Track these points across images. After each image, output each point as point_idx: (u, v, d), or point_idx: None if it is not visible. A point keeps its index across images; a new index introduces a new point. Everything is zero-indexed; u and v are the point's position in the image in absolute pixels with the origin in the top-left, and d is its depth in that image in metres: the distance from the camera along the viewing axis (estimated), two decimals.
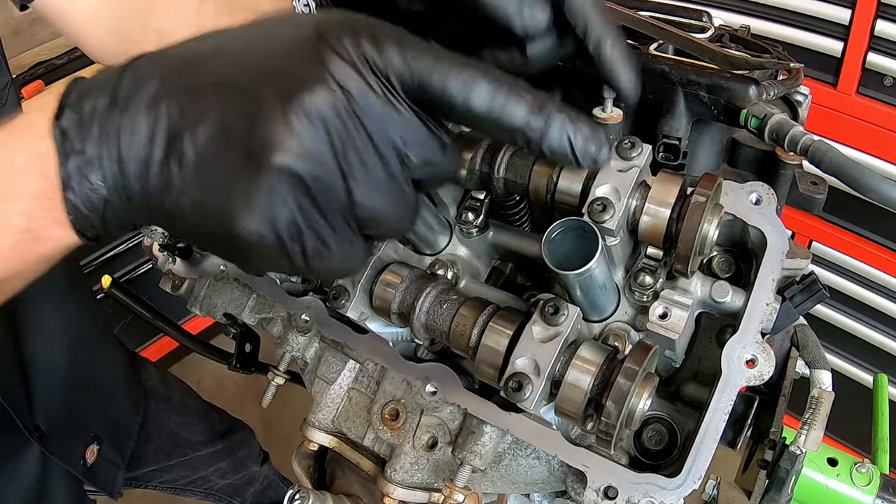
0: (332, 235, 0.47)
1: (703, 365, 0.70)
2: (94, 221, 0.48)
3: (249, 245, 0.45)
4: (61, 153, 0.46)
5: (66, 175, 0.46)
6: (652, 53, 0.73)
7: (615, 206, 0.56)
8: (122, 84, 0.47)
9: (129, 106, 0.46)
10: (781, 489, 0.73)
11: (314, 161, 0.44)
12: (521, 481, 0.69)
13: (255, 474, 1.90)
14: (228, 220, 0.44)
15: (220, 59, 0.48)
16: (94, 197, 0.47)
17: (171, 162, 0.45)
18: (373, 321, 0.70)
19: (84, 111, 0.46)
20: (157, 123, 0.45)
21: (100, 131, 0.46)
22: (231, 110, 0.45)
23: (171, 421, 1.61)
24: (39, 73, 2.31)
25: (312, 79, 0.44)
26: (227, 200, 0.44)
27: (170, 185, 0.45)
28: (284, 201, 0.44)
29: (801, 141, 0.60)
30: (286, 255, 0.46)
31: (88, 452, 1.28)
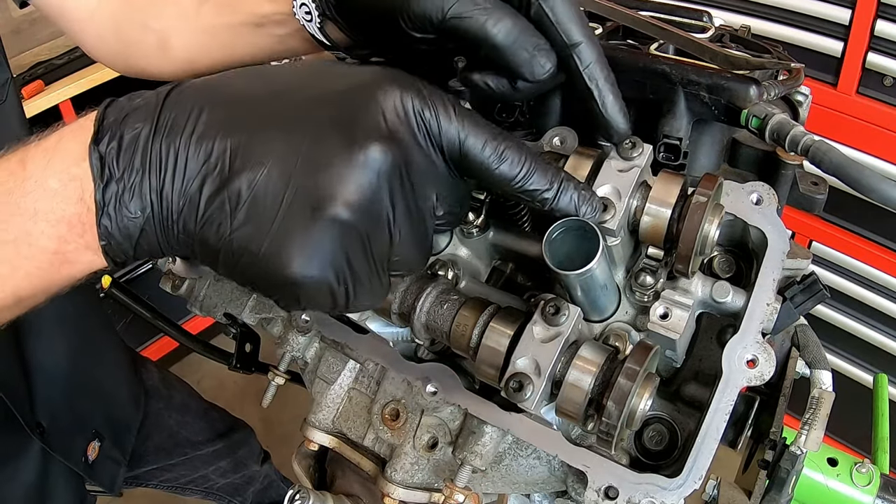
0: (373, 278, 0.49)
1: (703, 365, 0.70)
2: (127, 249, 0.48)
3: (300, 287, 0.47)
4: (99, 178, 0.46)
5: (102, 201, 0.46)
6: (652, 53, 0.72)
7: (616, 206, 0.56)
8: (164, 112, 0.47)
9: (175, 137, 0.46)
10: (782, 489, 0.73)
11: (368, 214, 0.46)
12: (522, 481, 0.69)
13: (255, 473, 1.90)
14: (282, 262, 0.46)
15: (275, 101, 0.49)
16: (131, 225, 0.47)
17: (223, 200, 0.45)
18: (373, 321, 0.71)
19: (125, 136, 0.46)
20: (210, 160, 0.46)
21: (142, 160, 0.46)
22: (291, 155, 0.45)
23: (172, 420, 1.62)
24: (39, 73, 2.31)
25: (373, 133, 0.46)
26: (283, 244, 0.45)
27: (219, 224, 0.46)
28: (338, 248, 0.46)
29: (802, 141, 0.60)
30: (331, 296, 0.48)
31: (90, 449, 1.28)
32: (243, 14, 0.76)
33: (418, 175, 0.49)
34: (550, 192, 0.53)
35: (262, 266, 0.46)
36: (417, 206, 0.50)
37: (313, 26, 0.67)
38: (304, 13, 0.67)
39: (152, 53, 0.85)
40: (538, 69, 0.56)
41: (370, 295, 0.51)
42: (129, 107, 0.48)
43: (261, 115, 0.47)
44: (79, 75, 2.33)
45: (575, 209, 0.54)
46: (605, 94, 0.58)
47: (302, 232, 0.45)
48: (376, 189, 0.46)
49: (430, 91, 0.50)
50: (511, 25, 0.55)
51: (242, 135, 0.46)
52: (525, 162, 0.52)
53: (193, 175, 0.46)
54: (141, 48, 0.86)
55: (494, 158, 0.51)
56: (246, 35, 0.77)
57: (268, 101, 0.49)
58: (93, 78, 2.32)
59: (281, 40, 0.75)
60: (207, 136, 0.46)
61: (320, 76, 0.51)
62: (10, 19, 2.31)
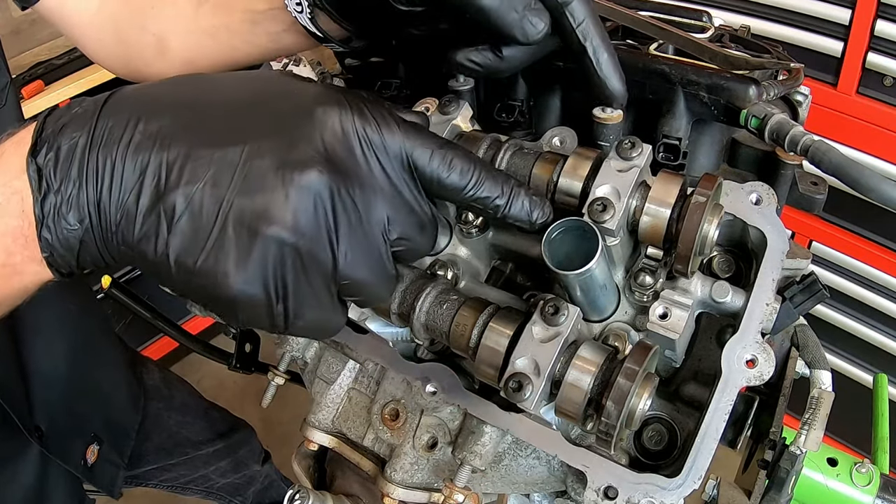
0: (313, 299, 0.48)
1: (703, 365, 0.70)
2: (69, 260, 0.48)
3: (235, 302, 0.47)
4: (37, 191, 0.45)
5: (41, 214, 0.46)
6: (652, 53, 0.72)
7: (615, 206, 0.56)
8: (101, 121, 0.46)
9: (111, 149, 0.46)
10: (781, 489, 0.73)
11: (306, 235, 0.46)
12: (521, 481, 0.69)
13: (255, 473, 1.90)
14: (217, 279, 0.45)
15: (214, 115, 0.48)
16: (71, 237, 0.47)
17: (159, 214, 0.45)
18: (373, 321, 0.71)
19: (62, 147, 0.46)
20: (146, 173, 0.45)
21: (78, 171, 0.45)
22: (228, 172, 0.45)
23: (172, 420, 1.62)
24: (39, 73, 2.31)
25: (311, 156, 0.46)
26: (218, 260, 0.45)
27: (155, 237, 0.46)
28: (275, 266, 0.46)
29: (802, 141, 0.60)
30: (270, 314, 0.48)
31: (89, 452, 1.28)
32: (239, 13, 0.76)
33: (363, 195, 0.48)
34: (502, 199, 0.53)
35: (199, 281, 0.46)
36: (364, 227, 0.49)
37: (305, 18, 0.67)
38: (294, 4, 0.67)
39: (151, 56, 0.86)
40: (530, 29, 0.55)
41: (317, 317, 0.50)
42: (67, 116, 0.48)
43: (199, 129, 0.47)
44: (79, 75, 2.33)
45: (527, 215, 0.54)
46: (599, 53, 0.57)
47: (237, 248, 0.45)
48: (313, 210, 0.45)
49: (373, 107, 0.50)
50: None
51: (180, 148, 0.46)
52: (475, 170, 0.52)
53: (129, 187, 0.45)
54: (140, 51, 0.86)
55: (443, 168, 0.51)
56: (242, 34, 0.77)
57: (207, 115, 0.48)
58: (92, 78, 2.32)
59: (276, 38, 0.75)
60: (144, 148, 0.46)
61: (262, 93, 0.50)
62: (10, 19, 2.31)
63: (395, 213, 0.50)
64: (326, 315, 0.50)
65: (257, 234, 0.45)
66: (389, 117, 0.50)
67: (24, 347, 1.11)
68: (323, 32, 0.69)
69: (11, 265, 0.48)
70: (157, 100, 0.49)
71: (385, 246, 0.51)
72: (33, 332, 1.13)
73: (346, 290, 0.51)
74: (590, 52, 0.57)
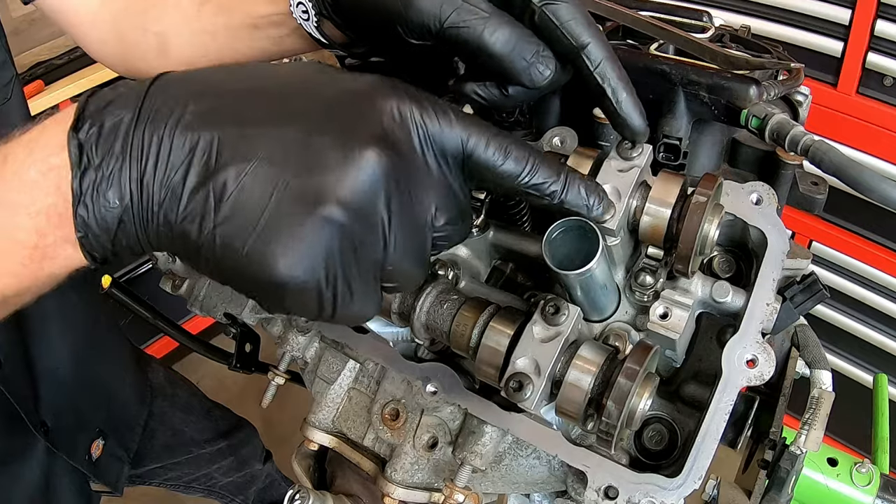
0: (362, 285, 0.47)
1: (703, 365, 0.70)
2: (105, 241, 0.46)
3: (285, 288, 0.45)
4: (77, 166, 0.44)
5: (79, 189, 0.44)
6: (652, 53, 0.73)
7: (616, 206, 0.56)
8: (148, 100, 0.45)
9: (158, 125, 0.44)
10: (781, 489, 0.73)
11: (362, 218, 0.44)
12: (522, 481, 0.69)
13: (257, 472, 1.90)
14: (268, 261, 0.43)
15: (267, 98, 0.47)
16: (108, 216, 0.45)
17: (207, 193, 0.44)
18: (373, 321, 0.71)
19: (105, 124, 0.45)
20: (196, 151, 0.44)
21: (122, 147, 0.44)
22: (284, 152, 0.44)
23: (176, 418, 1.62)
24: (39, 73, 2.31)
25: (371, 136, 0.45)
26: (270, 242, 0.43)
27: (202, 217, 0.44)
28: (329, 250, 0.44)
29: (802, 141, 0.60)
30: (318, 303, 0.46)
31: (94, 447, 1.28)
32: (241, 15, 0.76)
33: (416, 183, 0.48)
34: (558, 184, 0.52)
35: (247, 265, 0.44)
36: (414, 214, 0.48)
37: (310, 25, 0.67)
38: (300, 12, 0.67)
39: (152, 55, 0.86)
40: (537, 76, 0.56)
41: (360, 305, 0.48)
42: (112, 95, 0.46)
43: (252, 111, 0.46)
44: (79, 75, 2.33)
45: (584, 201, 0.54)
46: (618, 92, 0.57)
47: (291, 230, 0.43)
48: (372, 193, 0.44)
49: (429, 98, 0.50)
50: (508, 34, 0.55)
51: (232, 127, 0.44)
52: (530, 157, 0.51)
53: (177, 165, 0.44)
54: (141, 50, 0.87)
55: (499, 156, 0.50)
56: (244, 37, 0.77)
57: (260, 98, 0.47)
58: (93, 78, 2.32)
59: (279, 41, 0.75)
60: (194, 127, 0.44)
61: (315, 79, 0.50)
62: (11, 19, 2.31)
63: (442, 201, 0.50)
64: (369, 302, 0.49)
65: (313, 214, 0.43)
66: (446, 107, 0.50)
67: (32, 343, 1.11)
68: (327, 38, 0.69)
69: (43, 248, 0.46)
70: (210, 82, 0.48)
71: (429, 234, 0.50)
72: (40, 327, 1.13)
73: (387, 276, 0.49)
74: (609, 92, 0.57)
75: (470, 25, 0.54)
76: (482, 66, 0.57)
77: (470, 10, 0.54)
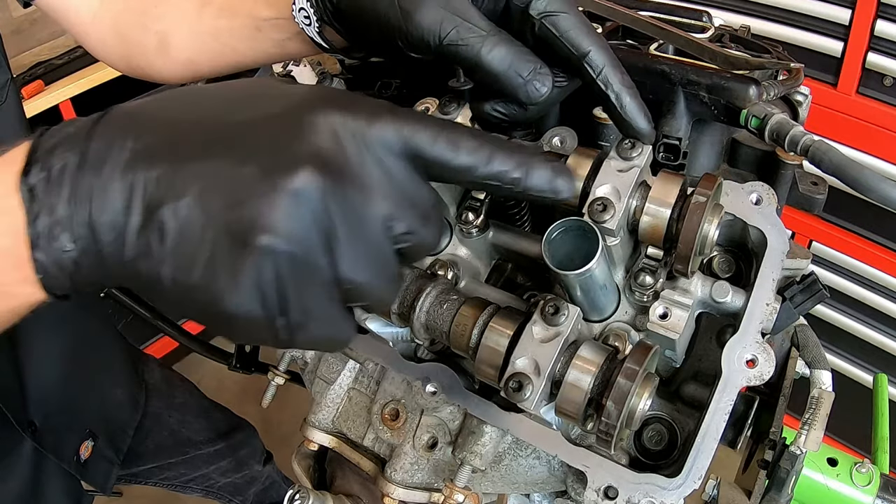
0: (316, 310, 0.47)
1: (703, 365, 0.70)
2: (64, 282, 0.47)
3: (233, 319, 0.45)
4: (30, 212, 0.44)
5: (34, 235, 0.44)
6: (652, 53, 0.73)
7: (615, 206, 0.56)
8: (92, 143, 0.45)
9: (101, 168, 0.45)
10: (781, 489, 0.73)
11: (299, 241, 0.44)
12: (522, 481, 0.69)
13: (257, 474, 1.90)
14: (213, 294, 0.44)
15: (202, 127, 0.47)
16: (65, 258, 0.45)
17: (149, 232, 0.44)
18: (373, 321, 0.70)
19: (53, 169, 0.45)
20: (135, 191, 0.44)
21: (70, 192, 0.44)
22: (214, 186, 0.44)
23: (173, 419, 1.61)
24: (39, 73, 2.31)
25: (299, 159, 0.44)
26: (212, 276, 0.44)
27: (147, 255, 0.44)
28: (270, 279, 0.44)
29: (802, 141, 0.60)
30: (271, 329, 0.46)
31: (83, 448, 1.28)
32: (242, 17, 0.76)
33: (359, 192, 0.46)
34: (519, 170, 0.50)
35: (196, 299, 0.45)
36: (364, 227, 0.46)
37: (312, 30, 0.67)
38: (302, 17, 0.67)
39: (153, 54, 0.86)
40: (533, 93, 0.57)
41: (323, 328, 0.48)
42: (59, 136, 0.47)
43: (186, 144, 0.46)
44: (79, 75, 2.33)
45: (549, 184, 0.51)
46: (622, 97, 0.58)
47: (229, 264, 0.43)
48: (309, 215, 0.43)
49: (362, 102, 0.48)
50: (505, 52, 0.55)
51: (166, 164, 0.44)
52: (482, 146, 0.49)
53: (119, 207, 0.44)
54: (142, 49, 0.87)
55: (449, 150, 0.48)
56: (246, 38, 0.77)
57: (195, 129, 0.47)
58: (93, 78, 2.32)
59: (281, 44, 0.75)
60: (132, 167, 0.44)
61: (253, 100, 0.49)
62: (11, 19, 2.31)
63: (396, 208, 0.48)
64: (332, 325, 0.48)
65: (247, 245, 0.43)
66: (380, 108, 0.48)
67: (20, 342, 1.11)
68: (328, 44, 0.69)
69: (3, 286, 0.47)
70: (149, 116, 0.48)
71: (388, 244, 0.48)
72: (30, 328, 1.13)
73: (349, 296, 0.48)
74: (612, 98, 0.58)
75: (468, 43, 0.55)
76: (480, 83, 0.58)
77: (469, 28, 0.55)
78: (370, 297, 0.49)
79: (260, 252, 0.43)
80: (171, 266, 0.44)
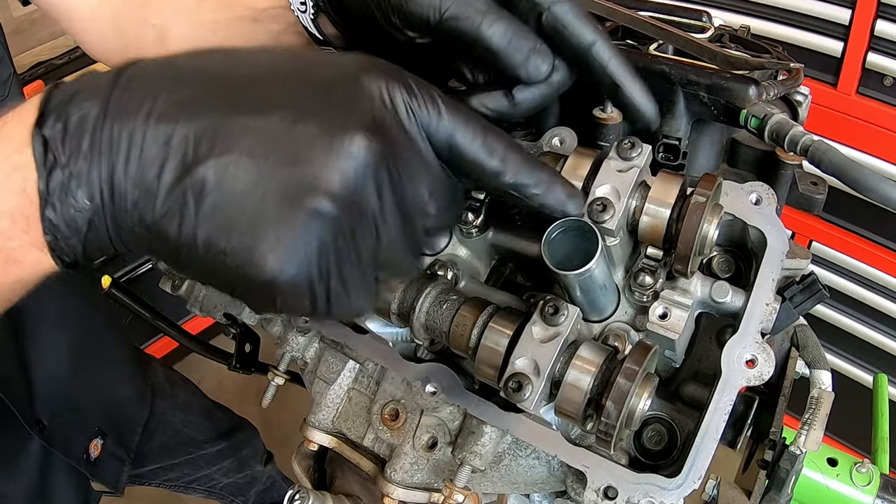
0: (356, 278, 0.45)
1: (703, 365, 0.70)
2: (75, 245, 0.44)
3: (275, 287, 0.42)
4: (42, 166, 0.41)
5: (46, 190, 0.41)
6: (652, 53, 0.72)
7: (615, 207, 0.56)
8: (117, 91, 0.42)
9: (128, 118, 0.41)
10: (781, 489, 0.73)
11: (353, 208, 0.42)
12: (521, 481, 0.69)
13: (258, 474, 1.90)
14: (255, 260, 0.41)
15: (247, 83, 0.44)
16: (78, 217, 0.42)
17: (185, 190, 0.41)
18: (373, 321, 0.71)
19: (70, 119, 0.42)
20: (171, 144, 0.41)
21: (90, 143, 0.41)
22: (267, 143, 0.41)
23: (176, 419, 1.62)
24: (39, 73, 2.31)
25: (358, 122, 0.42)
26: (256, 239, 0.41)
27: (181, 216, 0.41)
28: (320, 244, 0.42)
29: (801, 141, 0.60)
30: (311, 299, 0.44)
31: (92, 447, 1.28)
32: (240, 8, 0.76)
33: (407, 168, 0.45)
34: (539, 187, 0.52)
35: (233, 264, 0.42)
36: (406, 201, 0.46)
37: (307, 18, 0.67)
38: (299, 3, 0.67)
39: (151, 49, 0.86)
40: (534, 70, 0.57)
41: (356, 299, 0.46)
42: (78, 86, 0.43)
43: (231, 98, 0.43)
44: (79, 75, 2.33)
45: (562, 206, 0.54)
46: (629, 86, 0.59)
47: (277, 225, 0.41)
48: (362, 181, 0.42)
49: (419, 83, 0.48)
50: (506, 27, 0.55)
51: (210, 118, 0.41)
52: (513, 156, 0.50)
53: (151, 161, 0.41)
54: (140, 44, 0.87)
55: (484, 153, 0.49)
56: (243, 30, 0.77)
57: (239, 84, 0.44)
58: None
59: (276, 37, 0.75)
60: (168, 118, 0.41)
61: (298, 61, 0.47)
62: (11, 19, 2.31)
63: (434, 187, 0.48)
64: (365, 295, 0.47)
65: (301, 207, 0.41)
66: (437, 94, 0.48)
67: (27, 340, 1.11)
68: (323, 35, 0.69)
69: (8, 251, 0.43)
70: (185, 69, 0.45)
71: (422, 221, 0.48)
72: (36, 326, 1.13)
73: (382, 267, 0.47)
74: (621, 87, 0.59)
75: (468, 17, 0.55)
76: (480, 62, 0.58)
77: (469, 4, 0.55)
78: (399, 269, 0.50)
79: (313, 214, 0.41)
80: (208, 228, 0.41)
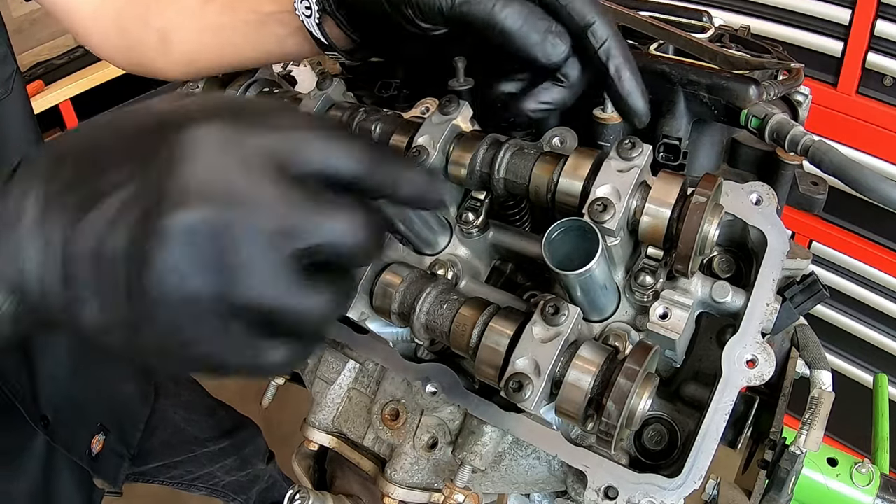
0: (229, 344, 0.43)
1: (703, 365, 0.70)
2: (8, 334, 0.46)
3: (147, 352, 0.44)
4: None
5: None
6: (652, 53, 0.73)
7: (615, 207, 0.56)
8: (8, 200, 0.44)
9: (18, 225, 0.43)
10: (781, 489, 0.73)
11: (190, 279, 0.40)
12: (522, 481, 0.69)
13: (260, 472, 1.91)
14: (129, 334, 0.43)
15: (91, 167, 0.44)
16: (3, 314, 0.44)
17: (67, 283, 0.42)
18: (373, 321, 0.71)
19: None
20: (49, 246, 0.42)
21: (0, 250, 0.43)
22: (103, 233, 0.41)
23: (179, 416, 1.62)
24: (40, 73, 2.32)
25: (179, 195, 0.40)
26: (116, 321, 0.42)
27: (76, 305, 0.43)
28: (174, 318, 0.41)
29: (802, 141, 0.60)
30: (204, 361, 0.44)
31: (94, 442, 1.28)
32: (245, 12, 0.76)
33: (248, 214, 0.40)
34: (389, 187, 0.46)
35: (117, 340, 0.43)
36: (260, 248, 0.41)
37: (312, 22, 0.67)
38: (304, 8, 0.67)
39: (154, 51, 0.86)
40: (551, 50, 0.56)
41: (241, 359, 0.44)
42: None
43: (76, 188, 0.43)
44: (79, 75, 2.34)
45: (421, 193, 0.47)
46: (621, 70, 0.58)
47: (129, 308, 0.41)
48: (194, 251, 0.40)
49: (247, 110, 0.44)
50: (519, 9, 0.55)
51: (65, 213, 0.42)
52: (364, 154, 0.44)
53: (39, 261, 0.43)
54: (143, 46, 0.87)
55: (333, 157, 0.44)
56: (248, 34, 0.77)
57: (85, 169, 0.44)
58: (93, 78, 2.32)
59: (281, 41, 0.75)
60: (42, 221, 0.43)
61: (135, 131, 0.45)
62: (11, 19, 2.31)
63: (291, 222, 0.41)
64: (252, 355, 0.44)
65: (142, 287, 0.40)
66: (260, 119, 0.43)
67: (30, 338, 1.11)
68: (328, 40, 0.69)
69: None
70: (52, 163, 0.45)
71: (289, 262, 0.42)
72: None
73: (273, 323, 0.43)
74: (612, 70, 0.57)
75: (481, 2, 0.55)
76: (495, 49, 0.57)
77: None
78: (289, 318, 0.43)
79: (152, 301, 0.41)
80: (91, 314, 0.42)
